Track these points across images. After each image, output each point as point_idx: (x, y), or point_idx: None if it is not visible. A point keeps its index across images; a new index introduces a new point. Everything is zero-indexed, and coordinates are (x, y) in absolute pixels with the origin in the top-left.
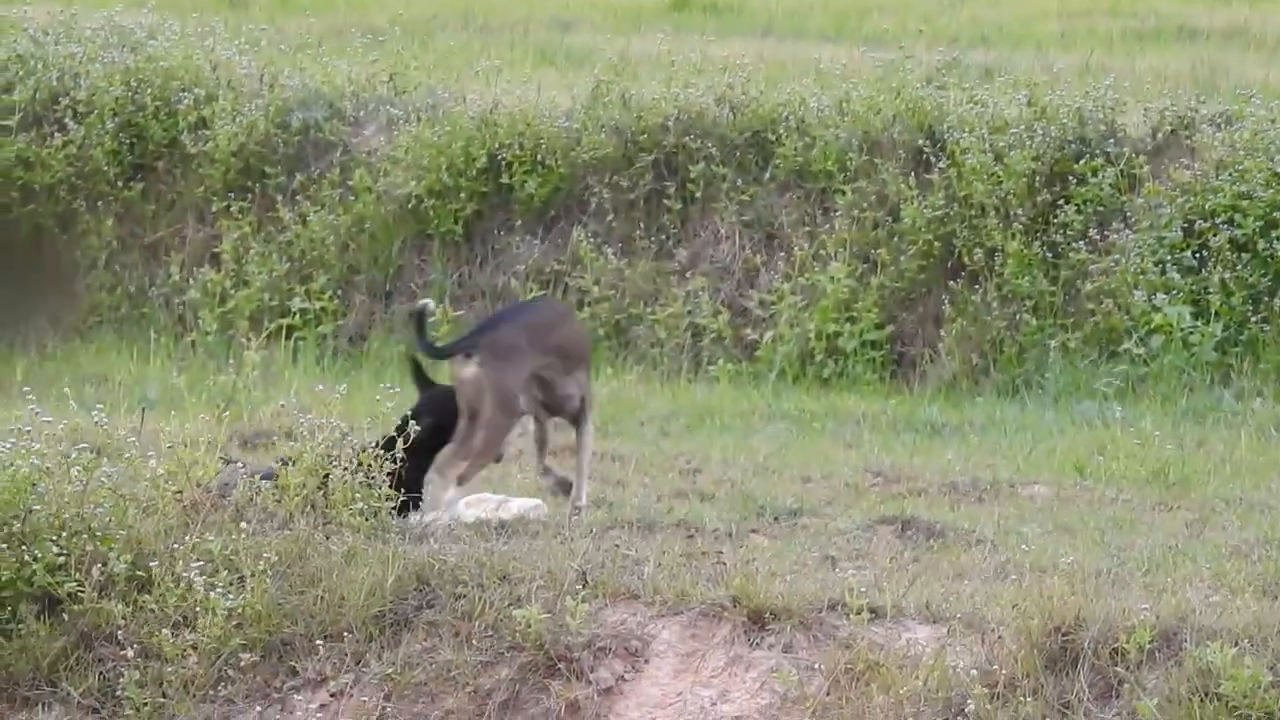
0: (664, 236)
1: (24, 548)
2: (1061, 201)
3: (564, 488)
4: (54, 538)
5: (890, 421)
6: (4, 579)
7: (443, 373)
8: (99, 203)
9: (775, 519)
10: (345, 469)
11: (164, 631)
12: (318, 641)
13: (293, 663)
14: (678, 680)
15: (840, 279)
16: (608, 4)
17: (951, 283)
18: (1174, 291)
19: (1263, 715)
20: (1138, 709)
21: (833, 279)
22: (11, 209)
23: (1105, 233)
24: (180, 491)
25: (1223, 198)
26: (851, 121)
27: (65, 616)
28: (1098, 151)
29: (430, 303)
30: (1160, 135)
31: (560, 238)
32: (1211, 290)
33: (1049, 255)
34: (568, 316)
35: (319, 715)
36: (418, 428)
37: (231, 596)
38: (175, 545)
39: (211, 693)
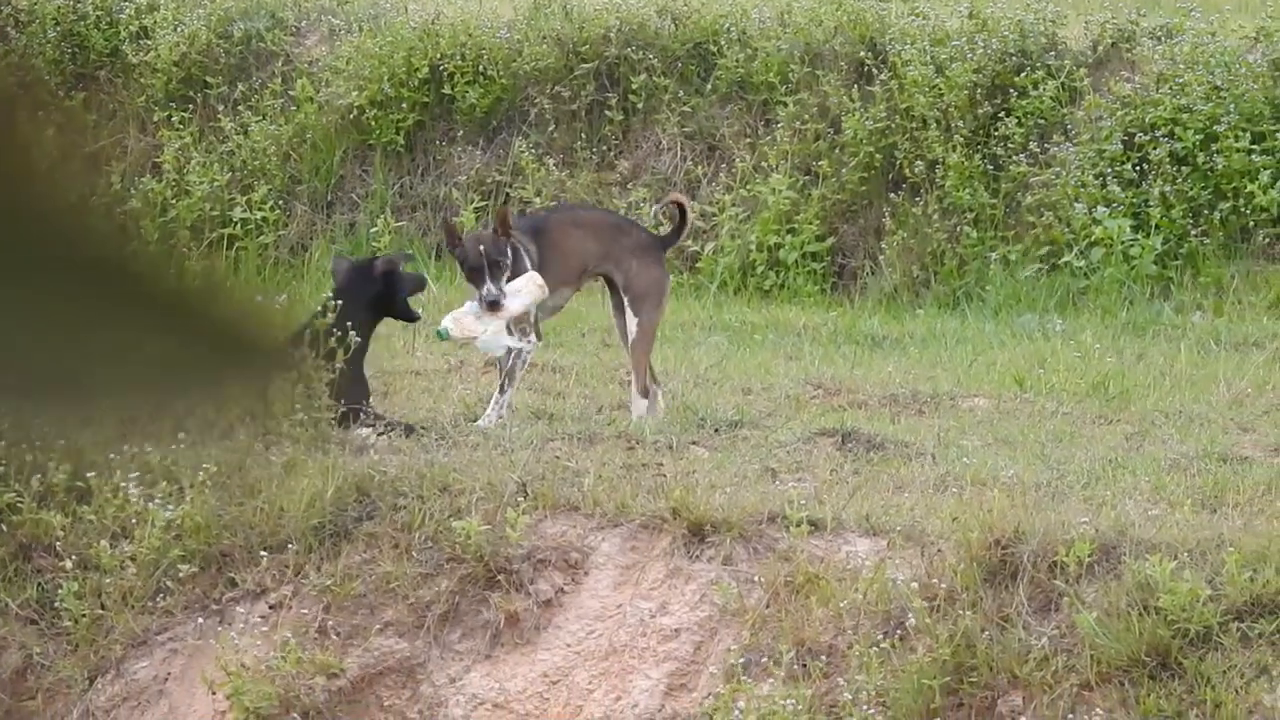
0: (605, 148)
1: None
2: (1002, 114)
3: None
4: None
5: (831, 333)
6: None
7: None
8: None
9: (715, 431)
10: (286, 379)
11: (102, 543)
12: (258, 553)
13: (232, 574)
14: (617, 592)
15: (781, 191)
16: None
17: (892, 195)
18: (1114, 204)
19: (1201, 629)
20: (1077, 622)
21: (774, 191)
22: None
23: (1046, 145)
24: None
25: (1163, 111)
26: (793, 33)
27: (4, 527)
28: (1038, 64)
29: None
30: (1101, 48)
31: (501, 148)
32: (1151, 203)
33: (990, 168)
34: None
35: (258, 626)
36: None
37: (170, 508)
38: (113, 456)
39: (150, 604)
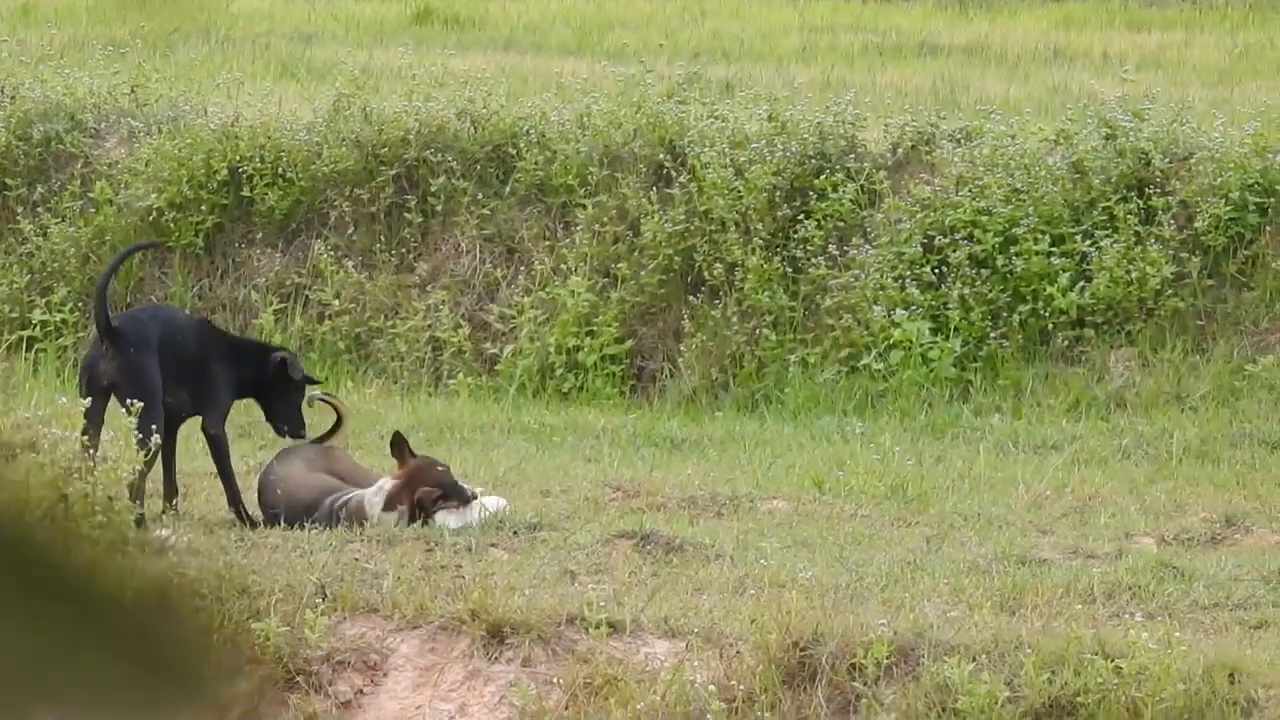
0: (404, 250)
1: None
2: (802, 216)
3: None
4: None
5: (630, 436)
6: None
7: None
8: None
9: (514, 533)
10: (87, 482)
11: None
12: None
13: None
14: (416, 694)
15: (580, 293)
16: (350, 17)
17: (691, 297)
18: (913, 307)
19: None
20: None
21: (573, 293)
22: None
23: (845, 248)
24: None
25: (962, 213)
26: (592, 135)
27: None
28: (838, 167)
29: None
30: (900, 151)
31: (301, 250)
32: (951, 306)
33: (789, 270)
34: None
35: None
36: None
37: None
38: None
39: None
